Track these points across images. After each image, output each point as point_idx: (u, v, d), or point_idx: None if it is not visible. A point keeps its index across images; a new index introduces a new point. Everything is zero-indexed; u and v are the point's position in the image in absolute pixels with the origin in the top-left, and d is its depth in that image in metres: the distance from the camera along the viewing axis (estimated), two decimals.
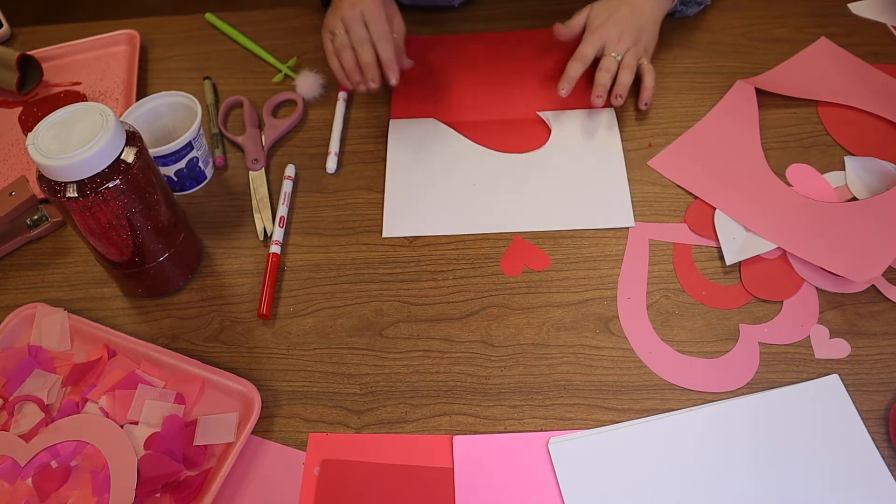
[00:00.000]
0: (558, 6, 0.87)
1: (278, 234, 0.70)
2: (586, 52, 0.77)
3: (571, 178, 0.72)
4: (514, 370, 0.60)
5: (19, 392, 0.61)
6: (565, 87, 0.75)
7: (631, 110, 0.77)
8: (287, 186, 0.73)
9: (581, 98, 0.78)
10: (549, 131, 0.76)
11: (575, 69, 0.76)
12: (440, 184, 0.73)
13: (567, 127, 0.76)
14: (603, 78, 0.75)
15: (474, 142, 0.76)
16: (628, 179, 0.71)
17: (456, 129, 0.77)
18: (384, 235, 0.69)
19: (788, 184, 0.69)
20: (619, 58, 0.76)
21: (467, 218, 0.70)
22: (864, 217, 0.66)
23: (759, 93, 0.77)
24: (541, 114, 0.78)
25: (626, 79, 0.75)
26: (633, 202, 0.69)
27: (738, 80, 0.78)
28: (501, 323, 0.63)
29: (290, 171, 0.75)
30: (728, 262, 0.65)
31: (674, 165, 0.72)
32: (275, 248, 0.69)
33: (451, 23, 0.87)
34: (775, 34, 0.82)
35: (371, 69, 0.73)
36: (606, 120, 0.76)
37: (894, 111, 0.74)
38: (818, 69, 0.79)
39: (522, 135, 0.76)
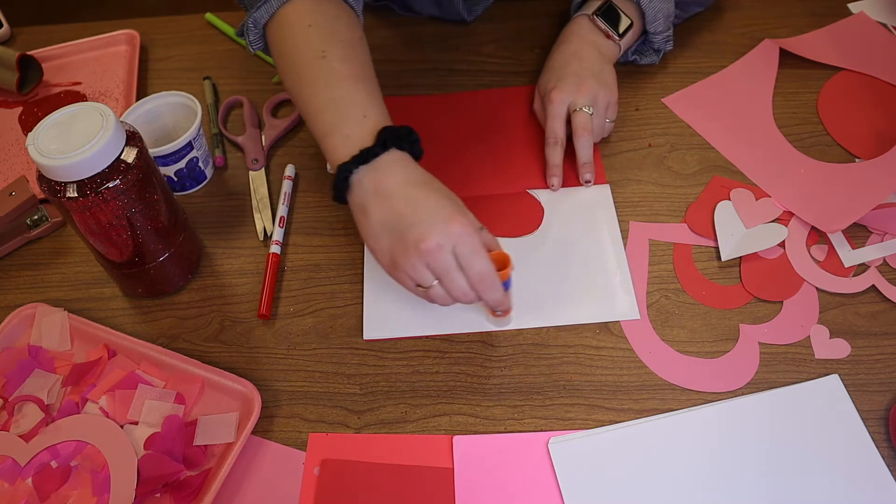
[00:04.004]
0: (559, 7, 0.87)
1: (278, 234, 0.70)
2: (555, 127, 0.69)
3: (568, 267, 0.65)
4: (514, 370, 0.60)
5: (19, 392, 0.61)
6: (555, 181, 0.69)
7: (630, 110, 0.77)
8: (287, 186, 0.73)
9: (574, 174, 0.71)
10: (542, 211, 0.69)
11: (555, 155, 0.69)
12: None
13: (561, 207, 0.69)
14: (583, 147, 0.68)
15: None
16: (631, 180, 0.71)
17: None
18: (365, 338, 0.63)
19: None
20: (591, 110, 0.68)
21: (455, 316, 0.63)
22: (845, 176, 0.69)
23: (784, 55, 0.80)
24: (531, 192, 0.71)
25: (587, 153, 0.68)
26: (633, 203, 0.69)
27: (766, 39, 0.81)
28: None
29: (289, 171, 0.75)
30: (723, 258, 0.65)
31: (686, 105, 0.77)
32: (275, 248, 0.69)
33: (461, 36, 0.86)
34: (775, 34, 0.82)
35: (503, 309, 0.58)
36: (601, 198, 0.70)
37: None
38: (850, 40, 0.81)
39: (514, 215, 0.69)
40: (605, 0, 0.74)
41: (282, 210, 0.71)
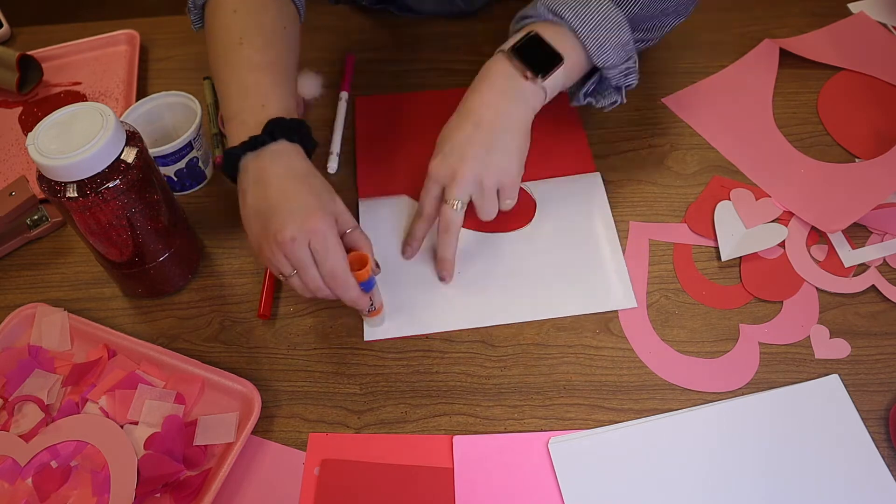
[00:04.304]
0: None
1: None
2: (424, 203, 0.62)
3: (564, 259, 0.65)
4: (514, 370, 0.60)
5: (19, 392, 0.61)
6: (408, 251, 0.65)
7: (631, 110, 0.77)
8: None
9: (562, 164, 0.71)
10: (534, 204, 0.69)
11: (417, 229, 0.64)
12: (422, 276, 0.65)
13: (553, 199, 0.69)
14: (442, 246, 0.62)
15: None
16: (631, 180, 0.71)
17: None
18: (365, 339, 0.63)
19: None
20: (457, 205, 0.59)
21: (455, 313, 0.63)
22: (845, 176, 0.69)
23: (784, 55, 0.80)
24: (522, 185, 0.70)
25: (446, 252, 0.62)
26: (633, 203, 0.69)
27: (766, 39, 0.81)
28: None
29: None
30: (723, 258, 0.65)
31: (686, 105, 0.77)
32: None
33: (461, 36, 0.86)
34: (775, 34, 0.82)
35: (356, 306, 0.58)
36: (592, 186, 0.70)
37: None
38: (850, 40, 0.81)
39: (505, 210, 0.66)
40: (526, 32, 0.61)
41: None
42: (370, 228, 0.68)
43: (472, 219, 0.68)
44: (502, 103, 0.60)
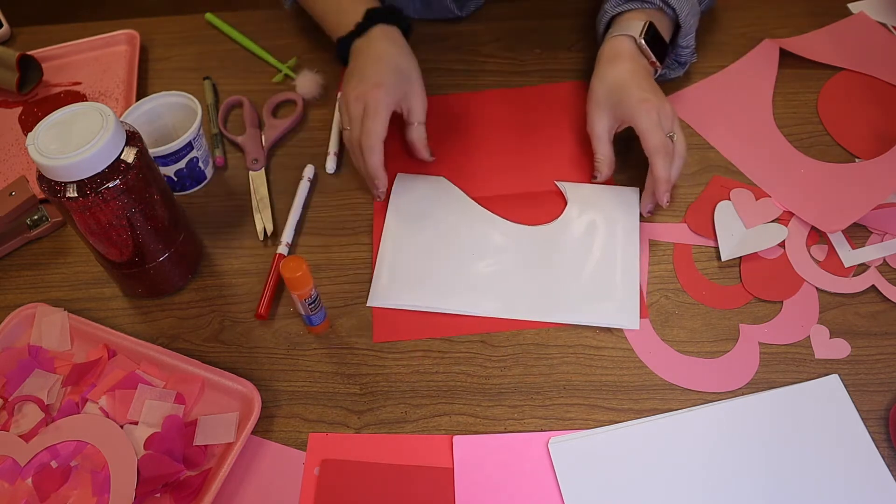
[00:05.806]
0: (559, 7, 0.87)
1: (288, 234, 0.69)
2: (664, 140, 0.64)
3: (572, 266, 0.65)
4: (514, 370, 0.60)
5: (19, 392, 0.61)
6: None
7: None
8: (304, 187, 0.73)
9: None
10: (564, 204, 0.69)
11: (668, 168, 0.64)
12: (437, 252, 0.67)
13: (582, 203, 0.69)
14: (675, 170, 0.65)
15: (482, 206, 0.70)
16: (632, 179, 0.71)
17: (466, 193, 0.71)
18: (368, 305, 0.65)
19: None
20: (675, 136, 0.65)
21: (460, 297, 0.64)
22: (845, 176, 0.69)
23: (784, 55, 0.80)
24: (558, 184, 0.71)
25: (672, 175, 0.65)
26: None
27: (766, 39, 0.81)
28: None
29: (308, 172, 0.74)
30: (723, 258, 0.65)
31: (686, 105, 0.77)
32: (283, 249, 0.68)
33: (461, 36, 0.86)
34: (775, 34, 0.82)
35: (372, 180, 0.68)
36: (628, 200, 0.69)
37: None
38: (850, 40, 0.81)
39: (535, 205, 0.70)
40: (645, 21, 0.69)
41: (295, 211, 0.71)
42: (401, 201, 0.71)
43: (501, 208, 0.70)
44: (643, 72, 0.69)
